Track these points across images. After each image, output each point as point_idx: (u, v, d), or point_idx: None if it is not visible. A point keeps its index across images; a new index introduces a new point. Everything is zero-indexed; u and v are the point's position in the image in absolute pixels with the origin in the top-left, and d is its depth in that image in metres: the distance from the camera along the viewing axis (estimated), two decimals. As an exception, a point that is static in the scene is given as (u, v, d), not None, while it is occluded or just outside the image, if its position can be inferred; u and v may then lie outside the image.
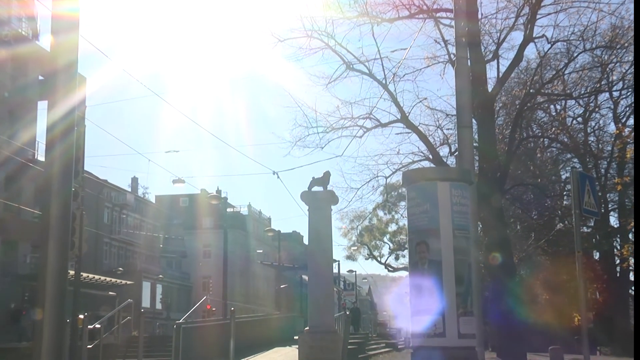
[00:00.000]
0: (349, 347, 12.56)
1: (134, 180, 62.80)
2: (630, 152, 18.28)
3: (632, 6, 12.86)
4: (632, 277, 23.23)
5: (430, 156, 16.96)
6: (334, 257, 42.21)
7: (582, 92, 18.37)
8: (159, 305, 51.68)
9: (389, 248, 43.23)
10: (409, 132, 17.15)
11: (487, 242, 13.93)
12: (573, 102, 20.78)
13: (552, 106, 21.56)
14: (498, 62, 15.56)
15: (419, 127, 16.84)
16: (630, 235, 21.66)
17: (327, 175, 12.95)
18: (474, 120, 13.22)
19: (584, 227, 21.71)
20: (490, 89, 14.67)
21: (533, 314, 17.56)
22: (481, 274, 12.52)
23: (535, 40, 14.84)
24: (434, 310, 5.38)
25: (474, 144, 12.50)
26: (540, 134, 21.63)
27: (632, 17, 13.76)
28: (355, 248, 41.85)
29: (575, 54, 15.79)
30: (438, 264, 5.50)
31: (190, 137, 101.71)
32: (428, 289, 5.49)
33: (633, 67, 15.75)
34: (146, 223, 58.45)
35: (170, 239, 58.25)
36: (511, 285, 13.21)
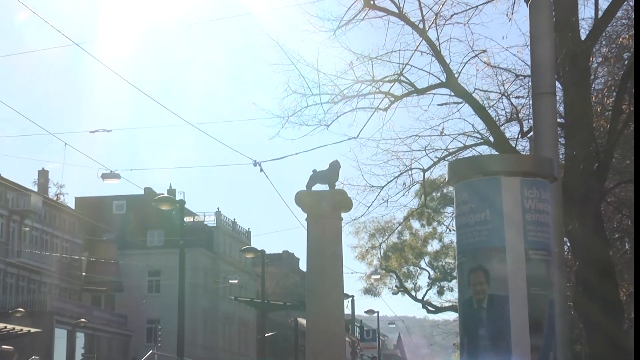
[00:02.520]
0: None
1: (43, 175, 63.10)
2: None
3: None
4: None
5: (491, 138, 16.96)
6: (346, 291, 42.28)
7: None
8: (81, 364, 51.96)
9: (429, 277, 43.23)
10: (458, 103, 17.11)
11: (579, 268, 13.91)
12: None
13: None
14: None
15: (473, 95, 16.81)
16: None
17: (335, 167, 13.03)
18: (558, 85, 13.22)
19: None
20: (583, 36, 14.62)
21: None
22: (570, 317, 12.52)
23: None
24: (497, 372, 5.42)
25: (559, 120, 12.47)
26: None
27: None
28: (378, 277, 41.90)
29: None
30: (503, 301, 5.51)
31: (129, 110, 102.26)
32: (489, 340, 5.51)
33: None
34: (61, 240, 58.77)
35: (98, 263, 58.49)
36: (616, 334, 13.15)
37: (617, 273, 17.32)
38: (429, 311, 42.42)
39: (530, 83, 8.62)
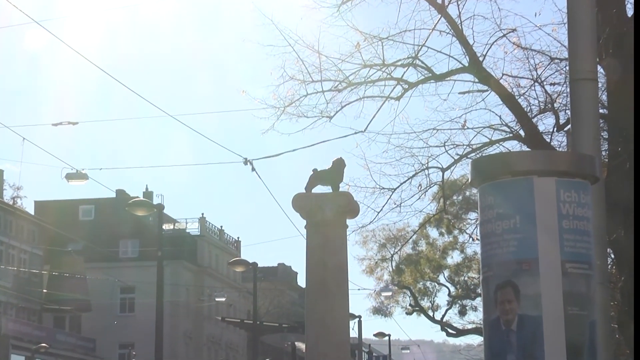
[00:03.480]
0: None
1: (-2, 175, 62.94)
2: None
3: None
4: None
5: (522, 132, 16.95)
6: (352, 311, 42.19)
7: None
8: (43, 395, 51.91)
9: (449, 294, 43.03)
10: (483, 91, 17.11)
11: (625, 284, 13.90)
12: None
13: None
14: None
15: (501, 82, 16.80)
16: None
17: (339, 166, 13.05)
18: (600, 69, 13.19)
19: None
20: (630, 13, 14.61)
21: None
22: (615, 341, 12.46)
23: None
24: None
25: (600, 110, 12.42)
26: None
27: None
28: (390, 294, 41.78)
29: None
30: (535, 322, 5.50)
31: (99, 99, 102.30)
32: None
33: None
34: (18, 250, 58.74)
35: (62, 278, 58.48)
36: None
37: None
38: (448, 334, 42.40)
39: (567, 67, 8.60)
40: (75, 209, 66.57)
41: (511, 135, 17.63)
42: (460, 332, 42.10)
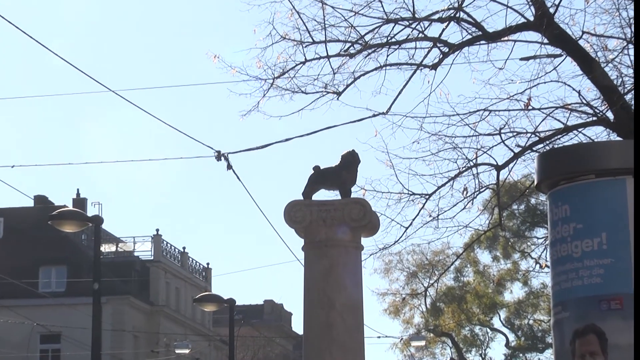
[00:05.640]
0: None
1: None
2: None
3: None
4: None
5: (610, 115, 16.93)
6: (369, 367, 41.81)
7: None
8: None
9: (507, 344, 42.77)
10: (555, 55, 17.16)
11: None
12: None
13: None
14: None
15: (580, 42, 16.80)
16: None
17: (350, 161, 13.11)
18: None
19: None
20: None
21: None
22: None
23: None
24: None
25: None
26: None
27: None
28: (423, 344, 41.44)
29: None
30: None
31: (16, 72, 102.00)
32: None
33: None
34: None
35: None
36: None
37: None
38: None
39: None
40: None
41: (595, 119, 17.65)
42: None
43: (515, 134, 17.77)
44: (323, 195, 13.36)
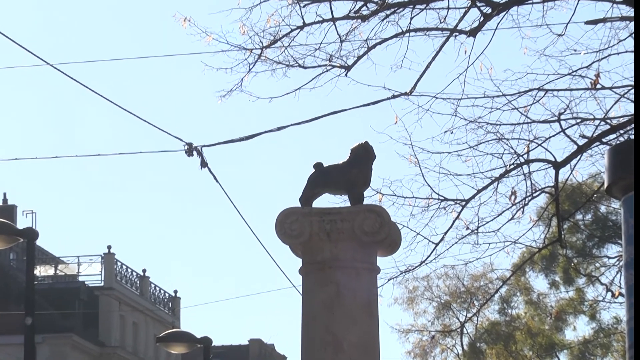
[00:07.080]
0: None
1: None
2: None
3: None
4: None
5: None
6: None
7: None
8: None
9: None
10: (631, 18, 17.26)
11: None
12: None
13: None
14: None
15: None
16: None
17: (362, 156, 12.98)
18: None
19: None
20: None
21: None
22: None
23: None
24: None
25: None
26: None
27: None
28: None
29: None
30: None
31: None
32: None
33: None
34: None
35: None
36: None
37: None
38: None
39: None
40: None
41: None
42: None
43: (579, 121, 17.86)
44: (327, 201, 13.48)
